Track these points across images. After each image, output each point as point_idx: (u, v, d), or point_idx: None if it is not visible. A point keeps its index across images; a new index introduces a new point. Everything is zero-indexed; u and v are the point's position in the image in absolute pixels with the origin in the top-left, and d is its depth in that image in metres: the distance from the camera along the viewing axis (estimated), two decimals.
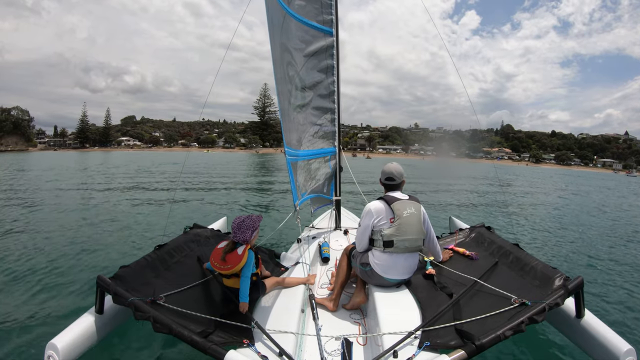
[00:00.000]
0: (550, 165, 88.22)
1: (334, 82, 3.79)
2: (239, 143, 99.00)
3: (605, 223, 8.89)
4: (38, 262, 4.41)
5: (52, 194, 10.60)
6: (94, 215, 7.43)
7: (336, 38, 3.70)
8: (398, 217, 2.41)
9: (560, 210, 11.23)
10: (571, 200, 14.17)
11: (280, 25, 2.94)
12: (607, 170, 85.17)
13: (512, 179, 28.06)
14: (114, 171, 20.47)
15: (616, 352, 1.88)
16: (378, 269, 2.44)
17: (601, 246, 6.10)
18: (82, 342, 2.02)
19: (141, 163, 29.66)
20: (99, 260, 4.55)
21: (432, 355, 1.74)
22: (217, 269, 2.32)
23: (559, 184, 25.81)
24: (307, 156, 3.50)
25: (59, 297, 3.48)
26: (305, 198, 3.54)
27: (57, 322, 2.92)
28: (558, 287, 2.14)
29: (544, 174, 41.45)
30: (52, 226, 6.34)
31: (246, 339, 1.90)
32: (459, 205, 10.89)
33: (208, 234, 3.43)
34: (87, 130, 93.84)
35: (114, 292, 2.09)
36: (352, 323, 2.40)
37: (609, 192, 20.35)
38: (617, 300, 3.63)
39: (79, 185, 12.90)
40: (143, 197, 10.20)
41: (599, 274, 4.52)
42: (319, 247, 3.46)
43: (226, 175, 19.11)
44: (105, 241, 5.43)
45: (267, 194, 11.95)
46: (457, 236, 3.43)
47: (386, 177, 2.63)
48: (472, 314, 2.04)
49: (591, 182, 31.75)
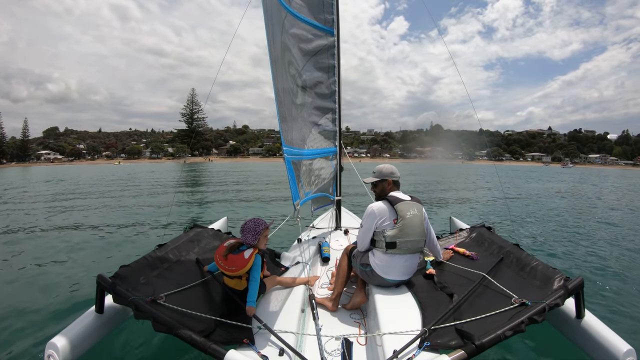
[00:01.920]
0: (483, 162, 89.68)
1: (335, 82, 3.79)
2: (166, 153, 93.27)
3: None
4: (37, 262, 4.41)
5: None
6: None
7: (337, 38, 3.70)
8: (402, 218, 2.40)
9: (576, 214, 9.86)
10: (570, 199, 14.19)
11: (281, 24, 2.93)
12: (537, 164, 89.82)
13: (451, 181, 23.88)
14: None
15: (616, 352, 1.88)
16: (378, 270, 2.44)
17: (608, 247, 6.09)
18: (82, 342, 2.02)
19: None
20: (99, 260, 4.55)
21: (432, 355, 1.74)
22: (220, 267, 2.30)
23: (516, 180, 24.63)
24: (312, 155, 3.50)
25: (59, 297, 3.48)
26: (309, 197, 3.53)
27: (57, 322, 2.92)
28: (558, 288, 2.14)
29: (484, 171, 40.54)
30: (49, 226, 6.34)
31: (246, 338, 1.89)
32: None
33: (208, 234, 3.43)
34: (3, 144, 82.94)
35: (114, 292, 2.09)
36: (352, 323, 2.40)
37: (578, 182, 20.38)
38: (617, 300, 3.63)
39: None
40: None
41: (599, 273, 4.53)
42: (319, 247, 3.46)
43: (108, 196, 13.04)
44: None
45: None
46: (458, 236, 3.43)
47: (395, 176, 2.64)
48: (472, 314, 2.04)
49: (539, 174, 32.97)
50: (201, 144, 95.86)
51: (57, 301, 3.36)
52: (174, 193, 13.71)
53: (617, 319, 3.20)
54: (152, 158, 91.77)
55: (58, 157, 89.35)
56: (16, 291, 3.63)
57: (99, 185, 18.25)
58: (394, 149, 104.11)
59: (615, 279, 4.28)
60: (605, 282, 4.16)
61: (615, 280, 4.24)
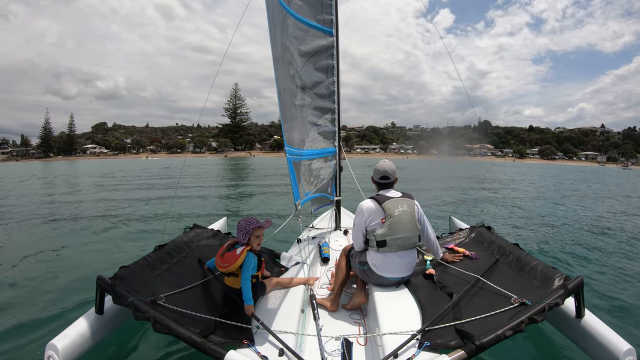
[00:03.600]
0: (535, 160, 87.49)
1: (334, 82, 3.79)
2: (209, 147, 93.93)
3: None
4: (37, 262, 4.41)
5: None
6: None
7: (336, 38, 3.70)
8: (389, 217, 2.40)
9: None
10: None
11: (281, 24, 2.94)
12: (592, 163, 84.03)
13: (517, 179, 23.49)
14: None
15: (616, 352, 1.88)
16: (375, 268, 2.45)
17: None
18: (82, 343, 2.02)
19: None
20: (99, 260, 4.55)
21: (432, 355, 1.74)
22: (218, 266, 2.37)
23: (594, 185, 20.48)
24: (311, 155, 3.51)
25: (58, 297, 3.48)
26: (308, 197, 3.54)
27: (57, 322, 2.92)
28: (558, 287, 2.14)
29: (541, 170, 38.94)
30: (49, 228, 6.34)
31: (246, 339, 1.90)
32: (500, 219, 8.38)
33: (208, 234, 3.43)
34: (50, 138, 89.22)
35: (114, 293, 2.09)
36: (352, 323, 2.40)
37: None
38: (618, 300, 3.63)
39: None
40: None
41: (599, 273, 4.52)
42: (319, 247, 3.46)
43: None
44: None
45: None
46: (457, 236, 3.43)
47: (380, 175, 2.59)
48: (472, 313, 2.04)
49: (613, 178, 28.90)
50: (244, 139, 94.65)
51: (57, 301, 3.36)
52: (174, 188, 13.69)
53: (617, 319, 3.20)
54: (195, 152, 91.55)
55: (103, 151, 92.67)
56: (16, 291, 3.63)
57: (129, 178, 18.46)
58: (441, 145, 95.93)
59: (615, 278, 4.28)
60: (605, 281, 4.16)
61: (615, 280, 4.24)
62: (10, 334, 2.77)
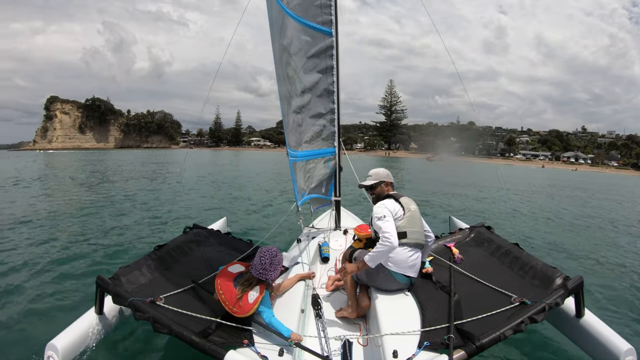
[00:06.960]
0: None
1: (333, 83, 3.79)
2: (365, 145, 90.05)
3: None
4: (37, 262, 4.41)
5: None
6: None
7: (336, 38, 3.69)
8: (408, 210, 2.56)
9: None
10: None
11: (280, 25, 2.94)
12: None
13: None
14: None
15: (616, 351, 1.88)
16: (390, 263, 2.41)
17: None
18: (81, 343, 2.02)
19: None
20: (99, 260, 4.55)
21: (432, 355, 1.74)
22: (227, 307, 2.09)
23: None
24: (305, 157, 3.51)
25: (58, 297, 3.47)
26: (305, 199, 3.55)
27: (57, 322, 2.91)
28: (558, 287, 2.14)
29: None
30: (55, 224, 6.33)
31: (246, 339, 1.90)
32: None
33: (208, 235, 3.43)
34: (219, 131, 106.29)
35: (113, 293, 2.09)
36: (352, 324, 2.39)
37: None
38: (618, 300, 3.63)
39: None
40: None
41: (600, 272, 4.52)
42: (318, 247, 3.46)
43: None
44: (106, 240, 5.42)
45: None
46: (457, 236, 3.43)
47: (392, 180, 2.85)
48: (472, 313, 2.04)
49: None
50: (397, 138, 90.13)
51: (57, 301, 3.36)
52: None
53: (617, 319, 3.20)
54: (347, 149, 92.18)
55: (267, 144, 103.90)
56: (16, 291, 3.62)
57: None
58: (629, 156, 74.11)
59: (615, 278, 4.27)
60: (605, 281, 4.15)
61: (615, 279, 4.23)
62: (11, 334, 2.76)
